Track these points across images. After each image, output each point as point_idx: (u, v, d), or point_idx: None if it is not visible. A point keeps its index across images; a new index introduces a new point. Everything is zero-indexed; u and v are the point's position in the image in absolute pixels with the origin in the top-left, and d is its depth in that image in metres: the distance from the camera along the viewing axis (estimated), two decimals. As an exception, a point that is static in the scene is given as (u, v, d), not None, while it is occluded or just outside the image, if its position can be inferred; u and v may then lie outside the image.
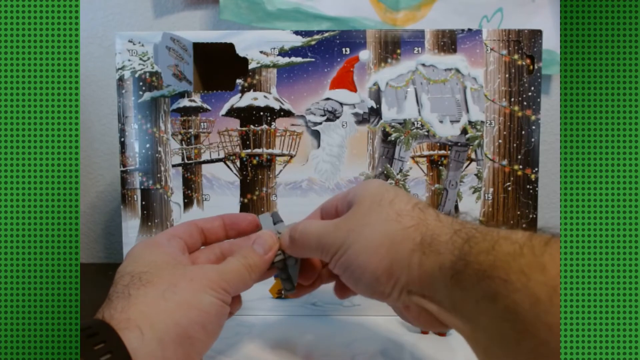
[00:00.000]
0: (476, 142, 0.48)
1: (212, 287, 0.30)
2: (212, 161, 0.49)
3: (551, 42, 0.65)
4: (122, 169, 0.48)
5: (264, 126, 0.48)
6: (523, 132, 0.48)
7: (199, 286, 0.30)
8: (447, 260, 0.26)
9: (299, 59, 0.48)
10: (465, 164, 0.48)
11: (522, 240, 0.24)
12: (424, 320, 0.31)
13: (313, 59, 0.48)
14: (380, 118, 0.48)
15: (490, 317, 0.24)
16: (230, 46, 0.48)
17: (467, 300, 0.25)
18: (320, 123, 0.48)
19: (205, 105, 0.48)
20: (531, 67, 0.48)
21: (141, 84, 0.48)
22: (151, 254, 0.32)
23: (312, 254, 0.34)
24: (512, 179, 0.48)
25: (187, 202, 0.49)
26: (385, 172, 0.48)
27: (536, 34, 0.48)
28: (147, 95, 0.48)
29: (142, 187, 0.49)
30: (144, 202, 0.49)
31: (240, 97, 0.48)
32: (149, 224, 0.49)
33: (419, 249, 0.28)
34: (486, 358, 0.26)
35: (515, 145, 0.48)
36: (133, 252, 0.33)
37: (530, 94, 0.48)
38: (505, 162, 0.48)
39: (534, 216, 0.48)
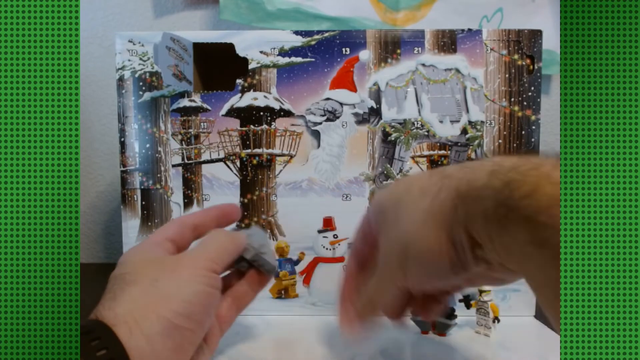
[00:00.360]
0: (476, 142, 0.48)
1: (194, 274, 0.30)
2: (212, 161, 0.49)
3: (551, 42, 0.65)
4: (122, 169, 0.48)
5: (264, 126, 0.48)
6: (523, 132, 0.48)
7: (181, 276, 0.30)
8: (488, 206, 0.25)
9: (299, 59, 0.48)
10: (465, 164, 0.48)
11: (551, 169, 0.24)
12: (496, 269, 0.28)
13: (313, 59, 0.48)
14: (380, 118, 0.48)
15: (538, 264, 0.24)
16: (230, 46, 0.48)
17: (515, 244, 0.24)
18: (320, 123, 0.48)
19: (205, 105, 0.48)
20: (531, 67, 0.48)
21: (141, 84, 0.48)
22: (135, 256, 0.32)
23: (393, 298, 0.32)
24: (512, 179, 0.48)
25: (187, 202, 0.49)
26: (385, 172, 0.48)
27: (536, 34, 0.48)
28: (147, 95, 0.48)
29: (142, 187, 0.49)
30: (144, 202, 0.49)
31: (240, 97, 0.48)
32: (149, 224, 0.49)
33: (459, 201, 0.27)
34: (543, 300, 0.25)
35: (515, 145, 0.48)
36: (122, 258, 0.33)
37: (530, 94, 0.48)
38: (505, 162, 0.48)
39: (534, 216, 0.48)
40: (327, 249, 0.48)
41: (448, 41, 0.48)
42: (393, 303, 0.32)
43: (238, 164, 0.49)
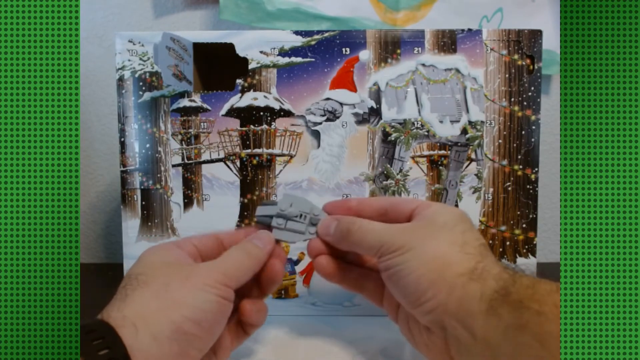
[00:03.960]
0: (476, 142, 0.48)
1: (209, 284, 0.30)
2: (212, 161, 0.49)
3: (551, 42, 0.65)
4: (122, 169, 0.48)
5: (264, 126, 0.48)
6: (523, 132, 0.48)
7: (194, 283, 0.30)
8: (489, 287, 0.29)
9: (299, 59, 0.48)
10: (465, 164, 0.48)
11: (559, 284, 0.28)
12: (435, 347, 0.32)
13: (313, 59, 0.48)
14: (380, 118, 0.48)
15: (516, 344, 0.26)
16: (230, 46, 0.48)
17: (497, 327, 0.27)
18: (320, 123, 0.48)
19: (205, 105, 0.48)
20: (531, 67, 0.48)
21: (141, 84, 0.48)
22: (153, 257, 0.32)
23: (363, 249, 0.35)
24: (512, 179, 0.48)
25: (187, 202, 0.49)
26: (385, 172, 0.48)
27: (536, 34, 0.48)
28: (147, 95, 0.48)
29: (142, 187, 0.49)
30: (144, 202, 0.49)
31: (240, 97, 0.48)
32: (149, 224, 0.49)
33: (468, 274, 0.30)
34: None
35: (515, 145, 0.48)
36: (140, 255, 0.33)
37: (530, 94, 0.48)
38: (505, 162, 0.48)
39: (534, 216, 0.48)
40: (327, 249, 0.48)
41: (448, 41, 0.48)
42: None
43: (238, 164, 0.49)
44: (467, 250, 0.31)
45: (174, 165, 0.49)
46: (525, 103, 0.48)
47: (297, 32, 0.48)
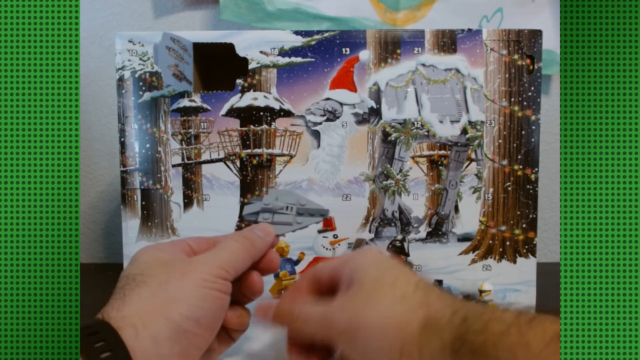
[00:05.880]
0: (476, 142, 0.48)
1: (206, 279, 0.30)
2: (212, 161, 0.49)
3: (551, 42, 0.65)
4: (122, 169, 0.48)
5: (264, 126, 0.48)
6: (523, 132, 0.48)
7: (191, 280, 0.30)
8: (447, 340, 0.28)
9: (299, 59, 0.48)
10: (465, 164, 0.48)
11: (510, 320, 0.27)
12: None
13: (313, 59, 0.48)
14: (380, 118, 0.48)
15: None
16: (230, 46, 0.48)
17: None
18: (320, 123, 0.48)
19: (205, 105, 0.48)
20: (531, 67, 0.48)
21: (141, 84, 0.48)
22: (148, 256, 0.32)
23: (314, 333, 0.33)
24: (512, 179, 0.48)
25: (187, 202, 0.49)
26: (385, 172, 0.48)
27: (536, 34, 0.48)
28: (147, 95, 0.48)
29: (142, 187, 0.49)
30: (144, 202, 0.49)
31: (240, 97, 0.48)
32: (149, 224, 0.49)
33: (424, 330, 0.29)
34: None
35: (515, 145, 0.48)
36: (134, 255, 0.33)
37: (530, 94, 0.48)
38: (505, 162, 0.48)
39: (534, 216, 0.48)
40: (327, 249, 0.48)
41: (448, 41, 0.48)
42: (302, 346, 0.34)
43: (238, 164, 0.49)
44: (409, 305, 0.30)
45: (174, 165, 0.49)
46: (525, 103, 0.48)
47: (297, 32, 0.48)
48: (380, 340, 0.30)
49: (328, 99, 0.48)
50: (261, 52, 0.48)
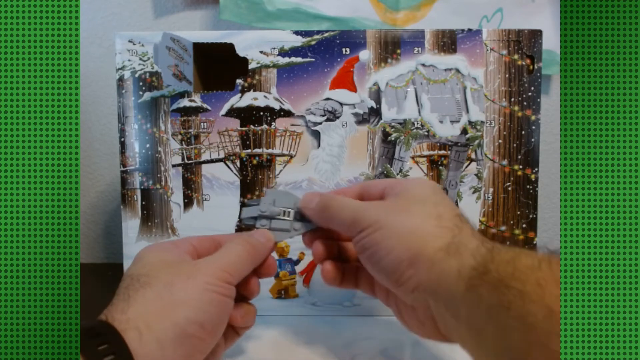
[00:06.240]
0: (476, 142, 0.48)
1: (210, 282, 0.30)
2: (212, 161, 0.49)
3: (551, 42, 0.65)
4: (122, 169, 0.48)
5: (264, 126, 0.48)
6: (523, 132, 0.48)
7: (196, 283, 0.30)
8: (467, 265, 0.27)
9: (299, 59, 0.48)
10: (465, 164, 0.48)
11: (541, 256, 0.26)
12: (425, 326, 0.31)
13: (313, 59, 0.48)
14: (380, 118, 0.48)
15: (500, 326, 0.25)
16: (230, 46, 0.48)
17: (479, 307, 0.26)
18: (320, 123, 0.48)
19: (205, 105, 0.48)
20: (531, 67, 0.48)
21: (141, 84, 0.48)
22: (152, 256, 0.32)
23: (339, 226, 0.34)
24: (512, 179, 0.48)
25: (187, 202, 0.49)
26: (385, 172, 0.48)
27: (536, 34, 0.48)
28: (147, 95, 0.48)
29: (142, 187, 0.49)
30: (144, 202, 0.49)
31: (240, 97, 0.48)
32: (149, 224, 0.49)
33: (445, 248, 0.29)
34: None
35: (515, 145, 0.48)
36: (138, 254, 0.33)
37: (530, 94, 0.48)
38: (505, 162, 0.48)
39: (534, 216, 0.48)
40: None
41: (448, 41, 0.48)
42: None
43: (238, 164, 0.49)
44: (442, 224, 0.30)
45: (174, 165, 0.49)
46: (525, 103, 0.48)
47: (297, 32, 0.48)
48: (398, 242, 0.30)
49: (328, 99, 0.48)
50: (261, 52, 0.48)
